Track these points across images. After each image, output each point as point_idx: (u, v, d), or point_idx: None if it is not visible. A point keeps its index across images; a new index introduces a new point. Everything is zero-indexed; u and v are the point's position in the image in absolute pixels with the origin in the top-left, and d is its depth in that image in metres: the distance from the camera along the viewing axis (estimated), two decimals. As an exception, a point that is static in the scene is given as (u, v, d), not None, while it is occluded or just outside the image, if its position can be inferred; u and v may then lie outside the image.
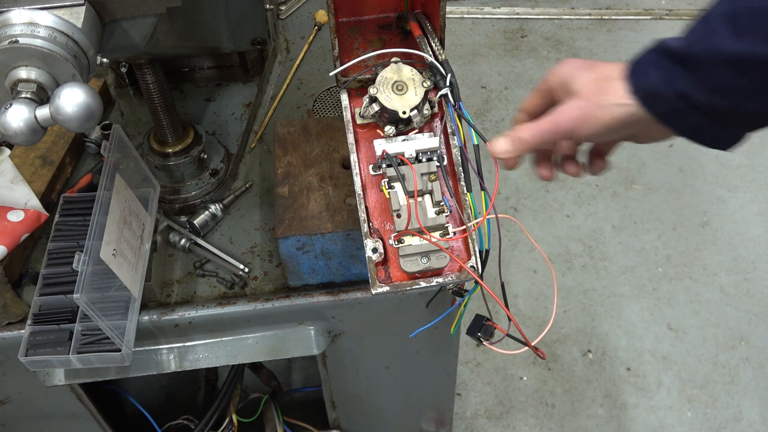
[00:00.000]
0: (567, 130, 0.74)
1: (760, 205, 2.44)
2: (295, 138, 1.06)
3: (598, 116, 0.72)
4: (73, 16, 0.76)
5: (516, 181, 2.51)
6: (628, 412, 1.97)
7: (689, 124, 0.69)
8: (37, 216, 1.06)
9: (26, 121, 0.71)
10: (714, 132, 0.69)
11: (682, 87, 0.66)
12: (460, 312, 0.98)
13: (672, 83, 0.66)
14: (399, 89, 0.81)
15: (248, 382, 1.57)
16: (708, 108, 0.66)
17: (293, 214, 0.97)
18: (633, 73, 0.70)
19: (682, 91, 0.66)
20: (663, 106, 0.68)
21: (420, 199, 0.79)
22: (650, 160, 2.58)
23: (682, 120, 0.69)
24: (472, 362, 2.07)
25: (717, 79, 0.64)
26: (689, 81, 0.65)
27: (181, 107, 1.25)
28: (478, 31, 3.11)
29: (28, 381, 1.07)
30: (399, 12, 0.92)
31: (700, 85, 0.65)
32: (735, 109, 0.65)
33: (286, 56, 1.42)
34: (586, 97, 0.72)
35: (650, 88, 0.68)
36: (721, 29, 0.63)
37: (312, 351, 1.08)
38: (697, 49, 0.64)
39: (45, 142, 1.17)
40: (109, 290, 0.94)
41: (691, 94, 0.66)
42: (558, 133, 0.75)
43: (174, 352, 1.06)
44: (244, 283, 1.06)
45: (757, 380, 2.02)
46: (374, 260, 0.78)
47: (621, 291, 2.22)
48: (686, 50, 0.65)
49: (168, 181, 1.13)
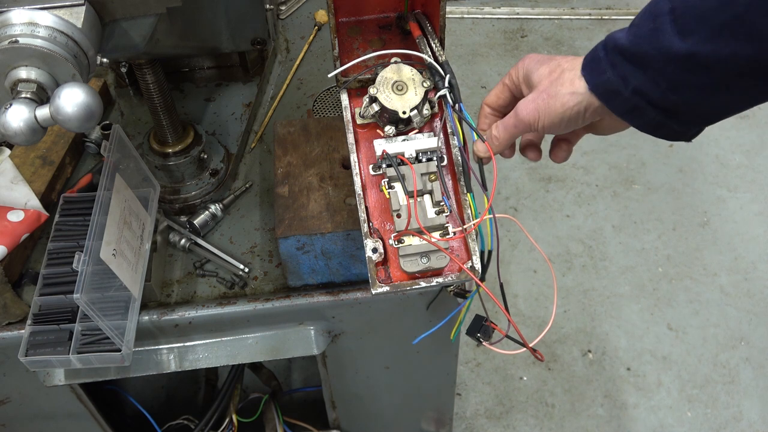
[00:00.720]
0: (528, 123, 0.76)
1: (760, 205, 2.44)
2: (295, 138, 1.06)
3: (552, 107, 0.74)
4: (73, 16, 0.76)
5: (516, 181, 2.51)
6: (628, 412, 1.97)
7: (648, 119, 0.70)
8: (37, 216, 1.06)
9: (26, 121, 0.71)
10: (673, 127, 0.70)
11: (637, 84, 0.67)
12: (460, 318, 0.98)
13: (628, 81, 0.67)
14: (399, 89, 0.81)
15: (248, 382, 1.57)
16: (664, 104, 0.67)
17: (293, 214, 0.97)
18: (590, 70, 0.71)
19: (639, 89, 0.67)
20: (622, 103, 0.69)
21: (420, 199, 0.79)
22: (650, 160, 2.58)
23: (641, 116, 0.70)
24: (472, 362, 2.07)
25: (669, 77, 0.65)
26: (643, 78, 0.66)
27: (181, 107, 1.25)
28: (478, 31, 3.11)
29: (28, 381, 1.07)
30: (399, 12, 0.92)
31: (654, 82, 0.66)
32: (690, 104, 0.66)
33: (286, 56, 1.42)
34: (542, 89, 0.75)
35: (608, 86, 0.69)
36: (667, 28, 0.63)
37: (312, 351, 1.08)
38: (647, 47, 0.65)
39: (45, 142, 1.17)
40: (109, 290, 0.94)
41: (647, 91, 0.67)
42: (521, 128, 0.78)
43: (174, 352, 1.06)
44: (244, 283, 1.06)
45: (757, 380, 2.02)
46: (374, 260, 0.78)
47: (621, 291, 2.22)
48: (637, 48, 0.66)
49: (168, 181, 1.13)
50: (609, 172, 2.53)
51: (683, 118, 0.69)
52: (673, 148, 2.60)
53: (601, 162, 2.56)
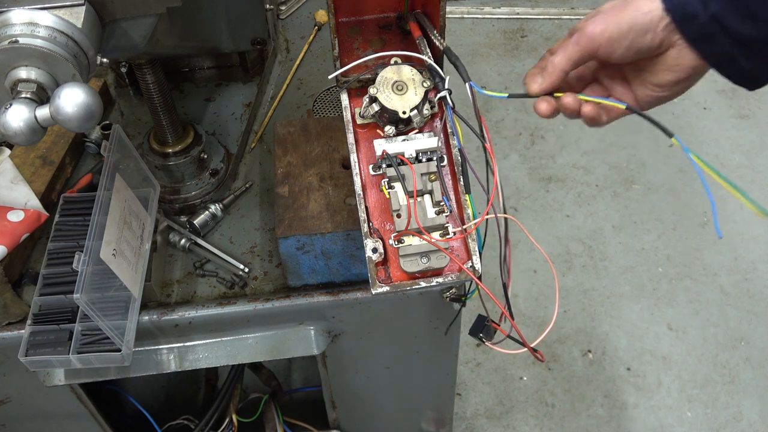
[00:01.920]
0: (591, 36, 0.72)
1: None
2: (295, 138, 1.06)
3: (620, 16, 0.71)
4: (73, 16, 0.75)
5: (516, 181, 2.51)
6: (628, 412, 1.97)
7: (718, 49, 0.69)
8: (37, 216, 1.06)
9: (26, 121, 0.71)
10: (740, 64, 0.69)
11: (717, 9, 0.66)
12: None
13: (708, 4, 0.67)
14: (399, 89, 0.81)
15: (248, 382, 1.57)
16: (740, 34, 0.66)
17: (293, 214, 0.97)
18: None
19: (718, 14, 0.66)
20: (697, 28, 0.68)
21: (420, 198, 0.79)
22: (650, 160, 2.58)
23: (712, 45, 0.68)
24: (472, 362, 2.07)
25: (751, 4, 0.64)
26: (724, 2, 0.66)
27: (181, 107, 1.25)
28: (478, 31, 3.11)
29: (28, 381, 1.07)
30: (399, 12, 0.92)
31: (735, 8, 0.65)
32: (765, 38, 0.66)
33: (286, 56, 1.42)
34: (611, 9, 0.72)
35: (686, 8, 0.68)
36: None
37: (312, 351, 1.08)
38: None
39: (45, 142, 1.17)
40: (109, 290, 0.94)
41: (726, 18, 0.66)
42: (583, 44, 0.74)
43: (174, 352, 1.06)
44: (244, 283, 1.06)
45: (757, 380, 2.02)
46: (374, 260, 0.78)
47: (621, 291, 2.22)
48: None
49: (168, 181, 1.13)
50: (609, 172, 2.53)
51: (755, 54, 0.68)
52: (673, 148, 2.60)
53: (601, 162, 2.56)
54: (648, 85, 0.77)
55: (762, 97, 2.77)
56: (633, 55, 0.73)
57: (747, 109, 2.73)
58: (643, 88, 0.77)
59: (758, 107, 2.75)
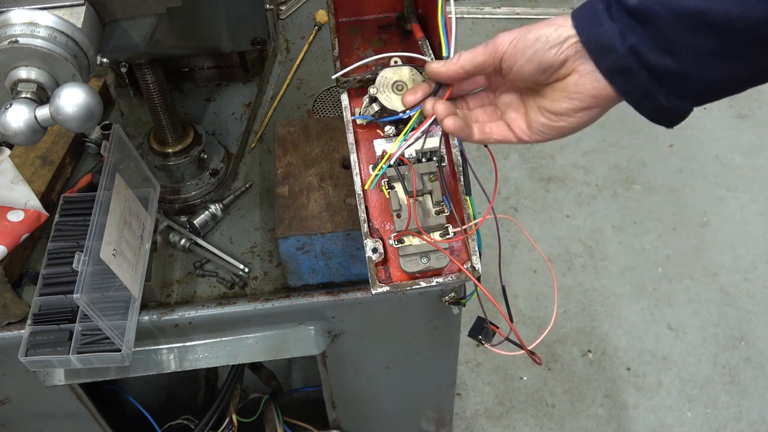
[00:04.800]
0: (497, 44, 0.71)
1: (760, 205, 2.44)
2: (295, 138, 1.06)
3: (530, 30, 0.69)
4: (73, 16, 0.75)
5: (516, 181, 2.51)
6: (628, 412, 1.97)
7: (636, 85, 0.66)
8: (37, 216, 1.06)
9: (26, 121, 0.71)
10: (658, 101, 0.66)
11: (635, 42, 0.63)
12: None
13: (626, 36, 0.64)
14: (399, 89, 0.81)
15: (248, 382, 1.57)
16: (658, 68, 0.64)
17: (293, 214, 0.97)
18: (583, 20, 0.67)
19: (636, 47, 0.63)
20: (613, 61, 0.65)
21: (420, 198, 0.79)
22: (650, 160, 2.58)
23: (630, 79, 0.65)
24: (472, 362, 2.07)
25: (671, 37, 0.62)
26: (643, 35, 0.63)
27: (181, 107, 1.25)
28: (478, 31, 3.11)
29: (28, 381, 1.07)
30: (399, 12, 0.92)
31: (654, 41, 0.62)
32: (685, 72, 0.63)
33: (286, 56, 1.42)
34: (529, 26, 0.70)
35: (602, 40, 0.65)
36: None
37: (312, 351, 1.08)
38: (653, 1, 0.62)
39: (45, 142, 1.17)
40: (109, 290, 0.94)
41: (644, 51, 0.63)
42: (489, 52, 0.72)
43: (174, 352, 1.06)
44: (244, 283, 1.06)
45: (757, 380, 2.02)
46: (374, 260, 0.78)
47: (621, 291, 2.22)
48: (642, 2, 0.62)
49: (168, 181, 1.13)
50: (609, 172, 2.53)
51: (674, 89, 0.65)
52: (673, 148, 2.60)
53: (601, 162, 2.56)
54: (543, 112, 0.73)
55: (762, 97, 2.77)
56: (534, 69, 0.70)
57: (747, 109, 2.73)
58: (538, 115, 0.74)
59: (758, 107, 2.75)
